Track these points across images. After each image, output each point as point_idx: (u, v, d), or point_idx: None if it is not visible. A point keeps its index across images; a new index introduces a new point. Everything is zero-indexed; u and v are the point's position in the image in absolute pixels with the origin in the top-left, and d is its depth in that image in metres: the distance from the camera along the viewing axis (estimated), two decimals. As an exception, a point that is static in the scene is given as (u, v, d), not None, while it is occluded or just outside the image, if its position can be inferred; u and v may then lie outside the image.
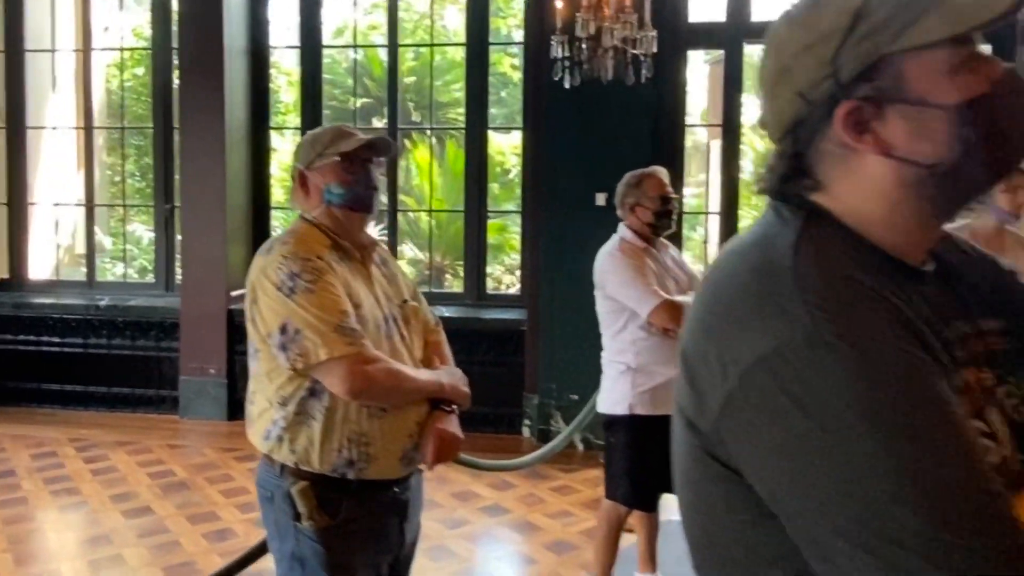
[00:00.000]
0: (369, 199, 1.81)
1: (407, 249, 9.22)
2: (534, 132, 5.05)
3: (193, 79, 5.04)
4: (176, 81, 5.36)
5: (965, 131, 0.70)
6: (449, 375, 1.85)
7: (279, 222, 5.89)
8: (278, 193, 6.39)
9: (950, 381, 0.67)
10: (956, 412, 0.63)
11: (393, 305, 1.83)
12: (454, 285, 8.47)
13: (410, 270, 9.18)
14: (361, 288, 1.75)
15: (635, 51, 4.23)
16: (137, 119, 7.72)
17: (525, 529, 3.61)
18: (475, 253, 5.36)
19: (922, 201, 0.74)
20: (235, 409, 4.88)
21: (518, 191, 6.32)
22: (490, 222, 7.78)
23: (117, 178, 7.63)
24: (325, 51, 5.56)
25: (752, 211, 6.46)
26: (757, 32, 5.12)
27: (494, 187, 8.94)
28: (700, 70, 10.49)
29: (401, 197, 10.06)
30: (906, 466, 0.59)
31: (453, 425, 1.78)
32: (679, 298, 2.62)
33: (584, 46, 4.23)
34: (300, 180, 1.82)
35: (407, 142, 9.20)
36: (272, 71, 9.22)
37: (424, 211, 7.93)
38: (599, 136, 4.72)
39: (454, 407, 1.81)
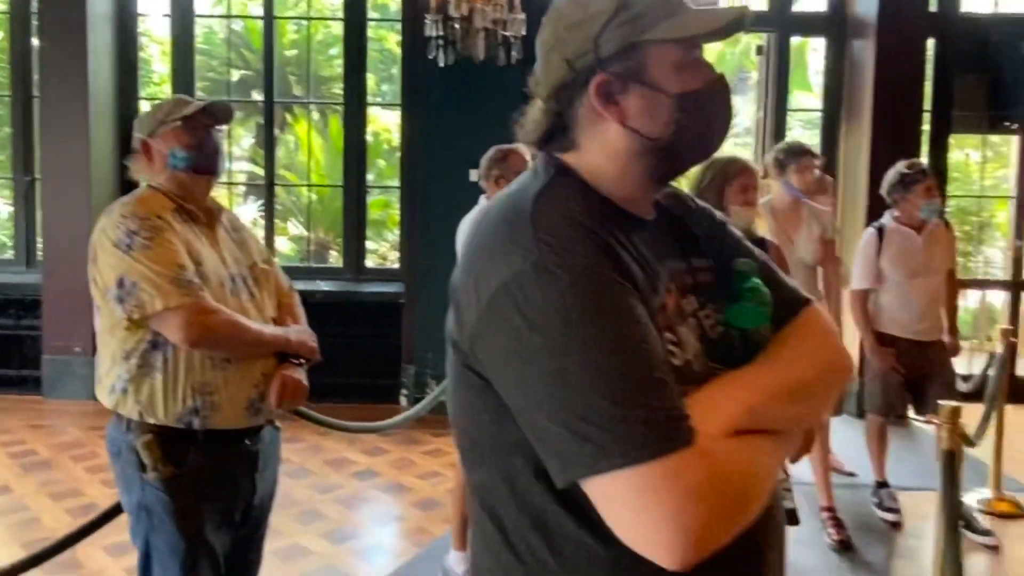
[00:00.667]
0: (213, 161, 1.86)
1: (292, 225, 9.10)
2: (411, 109, 5.15)
3: (54, 45, 4.82)
4: (36, 47, 5.10)
5: (680, 116, 0.88)
6: (297, 332, 1.91)
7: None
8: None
9: (648, 302, 0.83)
10: (640, 323, 0.79)
11: (242, 266, 1.89)
12: (338, 261, 8.45)
13: (293, 246, 9.06)
14: (204, 248, 1.80)
15: (505, 32, 4.40)
16: (-5, 86, 7.23)
17: (395, 490, 3.76)
18: (354, 228, 5.42)
19: (644, 166, 0.91)
20: (104, 387, 4.74)
21: (402, 168, 6.38)
22: (375, 199, 7.83)
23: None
24: (203, 20, 5.42)
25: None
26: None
27: (380, 163, 8.94)
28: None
29: (283, 172, 9.91)
30: (597, 361, 0.75)
31: (299, 374, 1.85)
32: None
33: (457, 26, 4.38)
34: (144, 148, 1.85)
35: (288, 116, 9.04)
36: (144, 39, 8.83)
37: (304, 185, 7.83)
38: (473, 114, 4.86)
39: (302, 360, 1.88)
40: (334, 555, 3.10)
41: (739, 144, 12.35)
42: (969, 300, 7.40)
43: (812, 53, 9.01)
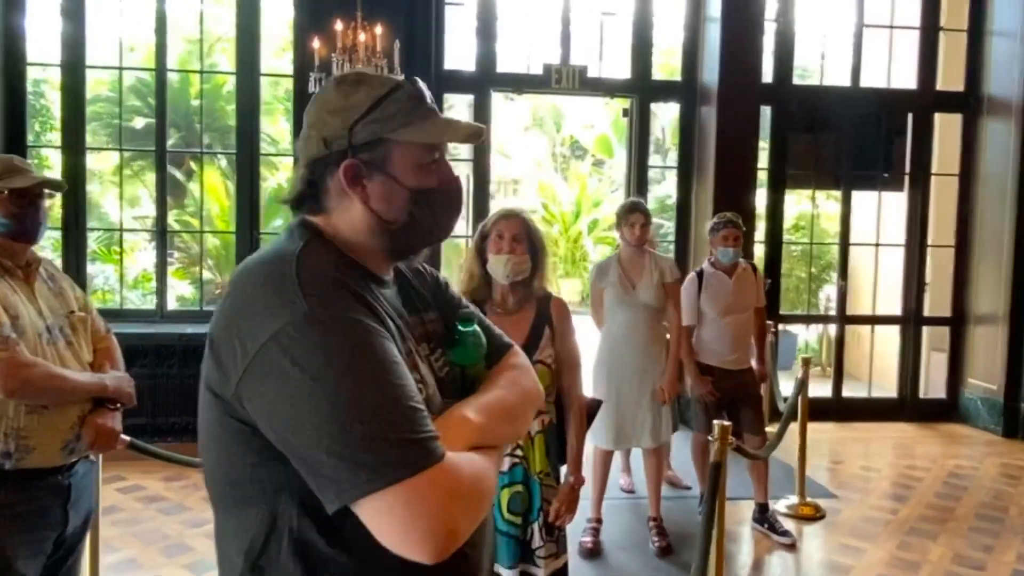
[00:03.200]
0: (34, 231, 1.95)
1: (207, 272, 9.16)
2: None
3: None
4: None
5: (413, 208, 1.04)
6: (114, 378, 2.02)
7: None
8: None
9: (400, 347, 0.97)
10: (397, 362, 0.91)
11: (59, 316, 1.97)
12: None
13: (194, 291, 9.10)
14: (21, 302, 1.89)
15: (385, 92, 4.81)
16: None
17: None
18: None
19: (382, 243, 1.05)
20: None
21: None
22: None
23: None
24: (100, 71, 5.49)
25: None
26: (503, 81, 5.94)
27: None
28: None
29: (188, 219, 9.97)
30: (364, 397, 0.86)
31: (112, 420, 1.98)
32: None
33: (340, 85, 4.76)
34: None
35: (194, 164, 9.17)
36: (46, 87, 8.79)
37: (201, 232, 8.01)
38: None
39: (118, 405, 2.01)
40: (205, 578, 3.29)
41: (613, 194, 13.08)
42: (810, 332, 8.26)
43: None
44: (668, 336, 3.78)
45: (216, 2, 7.42)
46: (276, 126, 10.12)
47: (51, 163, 7.70)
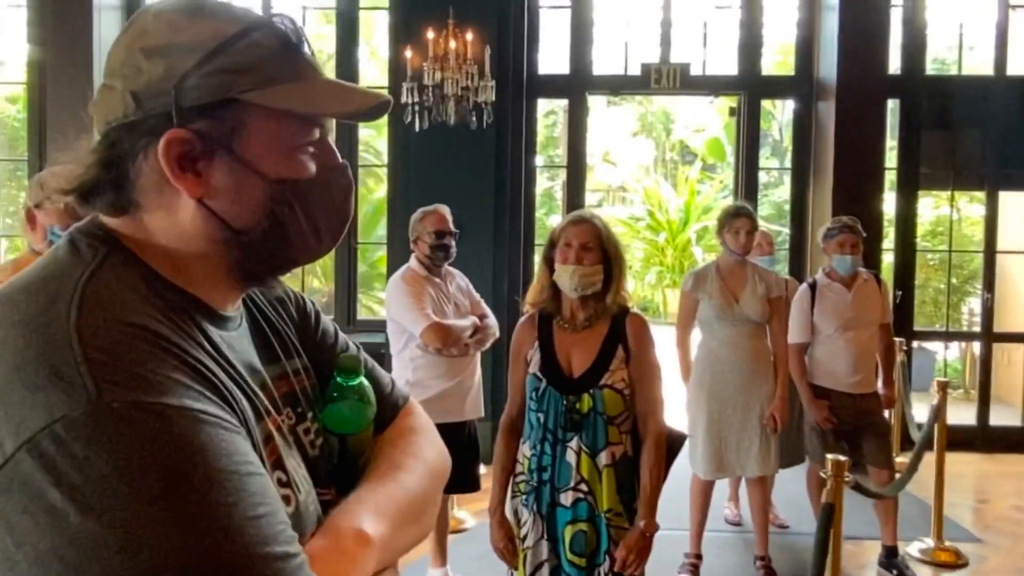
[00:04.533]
0: None
1: (313, 280, 9.47)
2: (395, 170, 5.47)
3: (62, 115, 5.25)
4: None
5: (277, 209, 0.68)
6: None
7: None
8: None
9: (253, 435, 0.63)
10: (254, 478, 0.56)
11: None
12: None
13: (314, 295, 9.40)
14: None
15: (476, 99, 4.71)
16: None
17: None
18: (345, 282, 5.69)
19: (225, 261, 0.68)
20: None
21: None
22: (381, 255, 8.15)
23: (12, 208, 7.71)
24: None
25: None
26: (599, 84, 5.72)
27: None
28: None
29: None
30: (200, 547, 0.51)
31: None
32: (448, 321, 2.98)
33: (431, 93, 4.70)
34: (28, 216, 1.93)
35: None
36: None
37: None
38: (449, 174, 5.16)
39: None
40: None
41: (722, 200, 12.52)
42: (951, 351, 7.43)
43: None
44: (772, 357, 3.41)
45: (324, 18, 7.64)
46: (380, 139, 10.30)
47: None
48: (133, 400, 0.53)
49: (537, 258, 5.51)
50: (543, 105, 6.59)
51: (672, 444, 2.08)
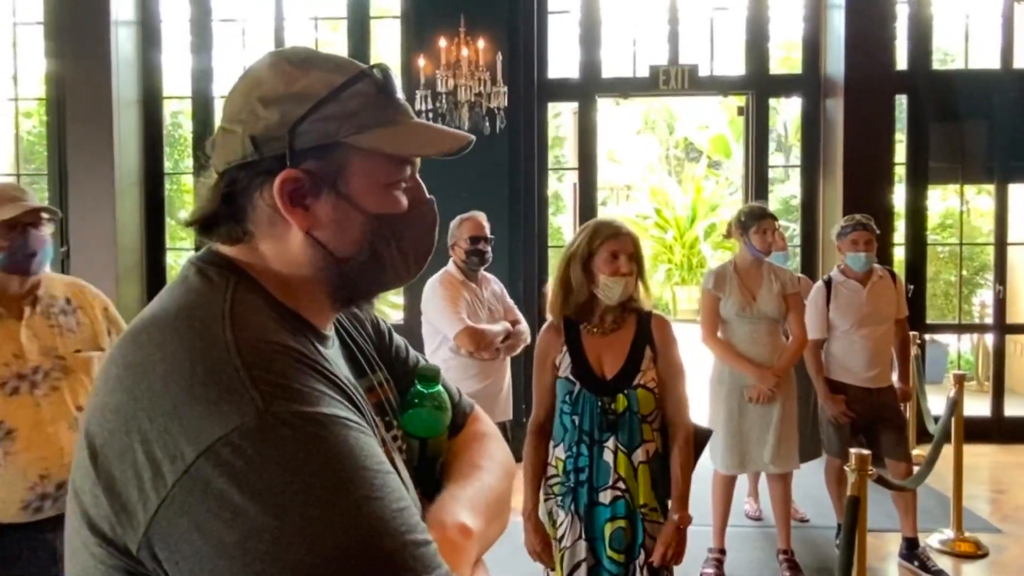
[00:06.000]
0: (26, 263, 1.83)
1: None
2: (409, 176, 5.54)
3: (82, 128, 5.33)
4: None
5: (376, 240, 0.75)
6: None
7: (174, 260, 6.17)
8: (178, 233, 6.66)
9: (376, 436, 0.69)
10: (391, 475, 0.63)
11: (50, 357, 1.84)
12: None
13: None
14: None
15: (490, 105, 4.77)
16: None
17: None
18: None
19: (327, 286, 0.76)
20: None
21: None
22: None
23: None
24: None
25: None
26: (608, 86, 5.77)
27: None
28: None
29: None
30: (364, 540, 0.58)
31: None
32: (482, 326, 3.06)
33: (444, 100, 4.77)
34: None
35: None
36: (182, 117, 9.48)
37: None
38: (464, 180, 5.22)
39: None
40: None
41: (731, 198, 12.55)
42: (963, 343, 7.46)
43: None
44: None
45: (333, 28, 7.71)
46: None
47: (189, 188, 8.25)
48: (296, 411, 0.61)
49: (552, 258, 5.61)
50: (552, 108, 6.64)
51: (698, 440, 2.15)
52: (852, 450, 2.39)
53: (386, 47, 7.67)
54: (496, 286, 3.37)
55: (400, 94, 0.78)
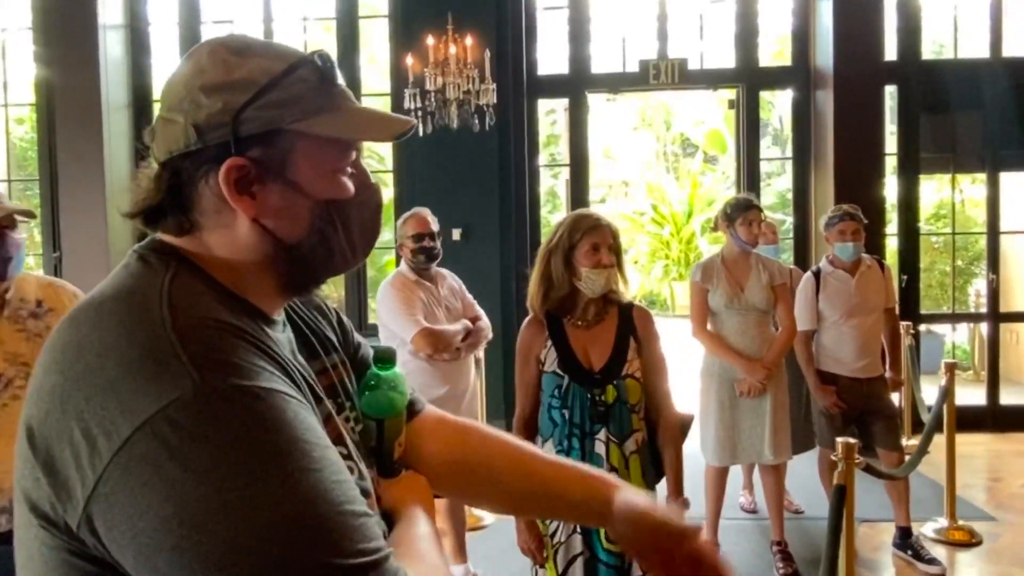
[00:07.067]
0: (2, 269, 1.78)
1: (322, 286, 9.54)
2: (400, 174, 5.54)
3: (71, 134, 5.33)
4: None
5: (323, 225, 0.76)
6: None
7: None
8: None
9: (316, 413, 0.71)
10: (330, 449, 0.65)
11: (14, 364, 1.77)
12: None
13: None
14: None
15: (479, 102, 4.77)
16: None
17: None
18: (354, 286, 5.76)
19: (276, 272, 0.76)
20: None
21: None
22: (388, 258, 8.23)
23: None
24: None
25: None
26: (598, 82, 5.77)
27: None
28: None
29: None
30: (285, 508, 0.59)
31: None
32: (439, 327, 2.98)
33: (433, 98, 4.76)
34: None
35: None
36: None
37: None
38: (454, 177, 5.23)
39: None
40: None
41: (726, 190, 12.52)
42: (959, 333, 7.46)
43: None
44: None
45: (323, 28, 7.71)
46: (384, 145, 10.38)
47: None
48: (232, 384, 0.62)
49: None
50: (543, 105, 6.64)
51: (683, 427, 2.16)
52: (838, 439, 2.38)
53: (375, 46, 7.68)
54: (454, 282, 3.29)
55: (341, 80, 0.78)
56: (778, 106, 11.70)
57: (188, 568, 0.57)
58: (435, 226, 3.18)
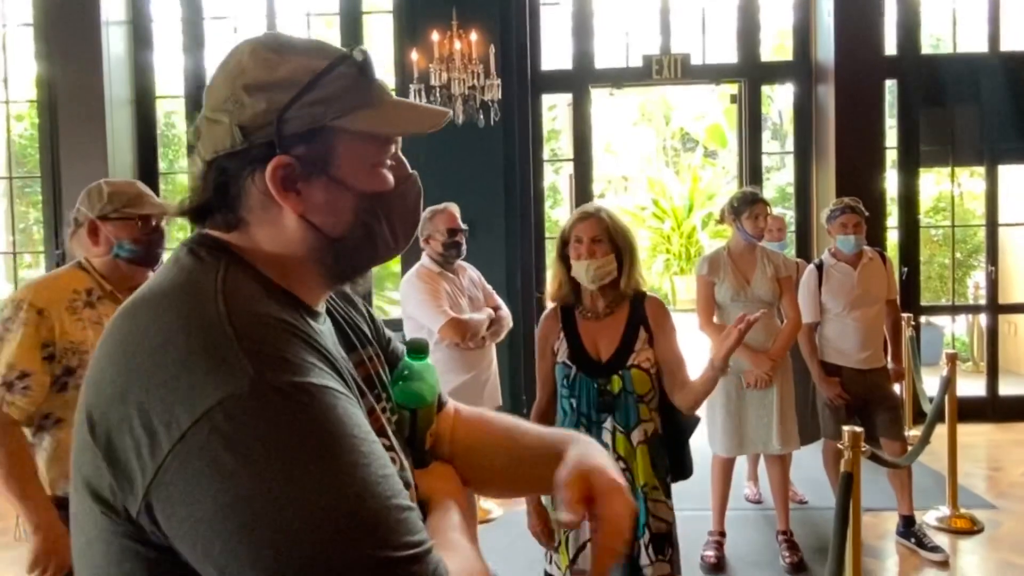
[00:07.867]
0: (156, 258, 1.93)
1: None
2: (404, 170, 5.57)
3: (74, 130, 5.35)
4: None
5: (367, 218, 0.78)
6: None
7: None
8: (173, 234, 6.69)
9: (361, 407, 0.72)
10: (376, 444, 0.67)
11: None
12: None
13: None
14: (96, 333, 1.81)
15: (484, 97, 4.79)
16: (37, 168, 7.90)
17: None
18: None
19: (321, 265, 0.78)
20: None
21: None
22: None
23: (21, 225, 7.81)
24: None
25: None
26: (601, 77, 5.80)
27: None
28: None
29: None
30: (349, 506, 0.61)
31: None
32: (465, 316, 3.06)
33: (438, 94, 4.79)
34: (90, 228, 1.87)
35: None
36: (176, 117, 9.48)
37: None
38: (459, 172, 5.25)
39: None
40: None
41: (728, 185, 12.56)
42: (958, 324, 7.51)
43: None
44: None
45: (326, 24, 7.73)
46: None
47: (185, 187, 8.26)
48: (286, 380, 0.64)
49: (549, 250, 5.66)
50: (547, 100, 6.67)
51: (688, 427, 2.19)
52: (845, 428, 2.42)
53: (378, 42, 7.69)
54: (473, 273, 3.37)
55: (377, 75, 0.79)
56: (777, 100, 11.73)
57: (242, 556, 0.59)
58: (461, 222, 3.25)
